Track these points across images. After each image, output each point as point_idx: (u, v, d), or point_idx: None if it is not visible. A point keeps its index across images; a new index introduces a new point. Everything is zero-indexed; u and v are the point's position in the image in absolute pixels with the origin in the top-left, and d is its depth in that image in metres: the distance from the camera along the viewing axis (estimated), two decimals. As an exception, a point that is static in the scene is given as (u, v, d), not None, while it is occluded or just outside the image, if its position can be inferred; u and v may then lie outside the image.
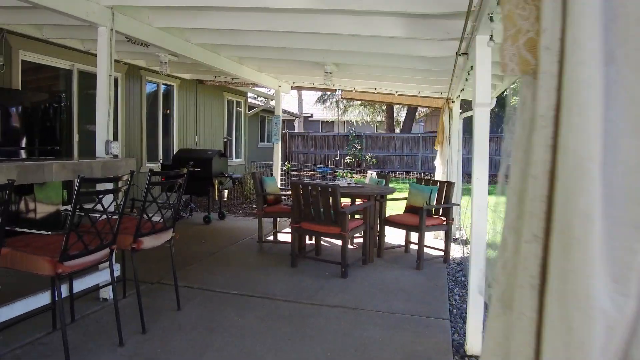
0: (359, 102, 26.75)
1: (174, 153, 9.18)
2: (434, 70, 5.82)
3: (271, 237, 7.04)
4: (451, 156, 7.61)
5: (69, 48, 7.10)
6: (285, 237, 7.10)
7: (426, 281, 5.28)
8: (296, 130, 30.39)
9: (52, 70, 7.22)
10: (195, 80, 10.26)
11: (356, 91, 8.17)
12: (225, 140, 8.39)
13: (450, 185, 6.18)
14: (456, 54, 4.20)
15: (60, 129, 7.32)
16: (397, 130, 27.09)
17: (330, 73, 6.14)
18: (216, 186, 8.13)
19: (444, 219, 6.09)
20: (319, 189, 5.15)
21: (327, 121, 32.40)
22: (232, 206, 10.20)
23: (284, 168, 21.46)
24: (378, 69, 6.37)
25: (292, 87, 8.93)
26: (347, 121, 29.69)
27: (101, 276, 3.97)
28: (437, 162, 7.81)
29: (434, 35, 4.12)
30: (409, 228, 6.01)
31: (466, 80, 5.10)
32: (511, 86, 7.53)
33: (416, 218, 5.90)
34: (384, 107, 26.78)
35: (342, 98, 8.80)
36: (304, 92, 32.84)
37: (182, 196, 3.89)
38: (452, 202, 6.22)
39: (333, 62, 5.98)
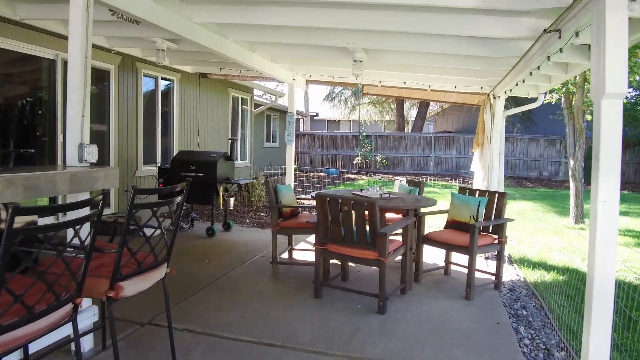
0: (368, 100, 25.72)
1: (174, 155, 8.16)
2: (488, 57, 4.80)
3: (285, 255, 6.02)
4: (492, 160, 6.60)
5: (52, 34, 6.07)
6: (301, 255, 6.08)
7: (482, 317, 4.26)
8: (302, 129, 29.38)
9: (32, 60, 6.20)
10: (197, 74, 9.23)
11: (382, 86, 7.14)
12: (232, 140, 7.37)
13: (502, 196, 5.16)
14: (544, 30, 3.17)
15: (40, 129, 6.32)
16: (407, 129, 26.06)
17: (361, 62, 5.11)
18: (221, 193, 7.12)
19: (496, 237, 5.08)
20: (352, 203, 4.13)
21: (333, 120, 31.40)
22: (237, 215, 9.19)
23: (290, 169, 20.46)
24: (415, 56, 5.34)
25: (308, 82, 7.91)
26: (354, 120, 28.65)
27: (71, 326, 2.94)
28: (476, 167, 6.78)
29: (517, 5, 3.09)
30: (453, 248, 4.98)
31: (537, 68, 4.07)
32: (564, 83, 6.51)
33: (462, 236, 4.89)
34: (392, 106, 25.74)
35: (364, 94, 7.78)
36: (310, 90, 31.85)
37: (179, 220, 2.88)
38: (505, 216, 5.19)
39: (364, 47, 4.95)
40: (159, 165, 8.28)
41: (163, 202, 2.58)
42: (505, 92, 6.13)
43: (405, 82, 6.77)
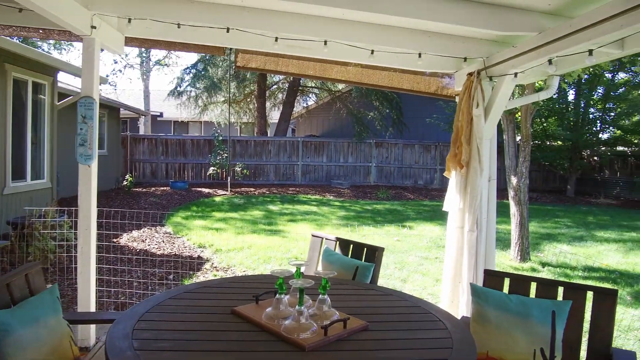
0: (223, 99, 21.90)
1: None
2: None
3: None
4: (481, 193, 3.63)
5: None
6: None
7: None
8: (142, 132, 24.37)
9: None
10: None
11: (274, 54, 3.72)
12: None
13: (610, 297, 2.14)
14: None
15: None
16: (269, 133, 22.90)
17: None
18: None
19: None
20: None
21: (182, 121, 26.86)
22: None
23: (124, 183, 15.76)
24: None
25: (130, 41, 4.12)
26: (207, 122, 24.58)
27: None
28: (454, 205, 3.72)
29: None
30: None
31: None
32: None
33: None
34: (251, 106, 22.34)
35: (237, 68, 4.24)
36: (152, 85, 26.99)
37: None
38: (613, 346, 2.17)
39: None
40: None
41: None
42: (518, 73, 3.16)
43: (325, 42, 3.45)
